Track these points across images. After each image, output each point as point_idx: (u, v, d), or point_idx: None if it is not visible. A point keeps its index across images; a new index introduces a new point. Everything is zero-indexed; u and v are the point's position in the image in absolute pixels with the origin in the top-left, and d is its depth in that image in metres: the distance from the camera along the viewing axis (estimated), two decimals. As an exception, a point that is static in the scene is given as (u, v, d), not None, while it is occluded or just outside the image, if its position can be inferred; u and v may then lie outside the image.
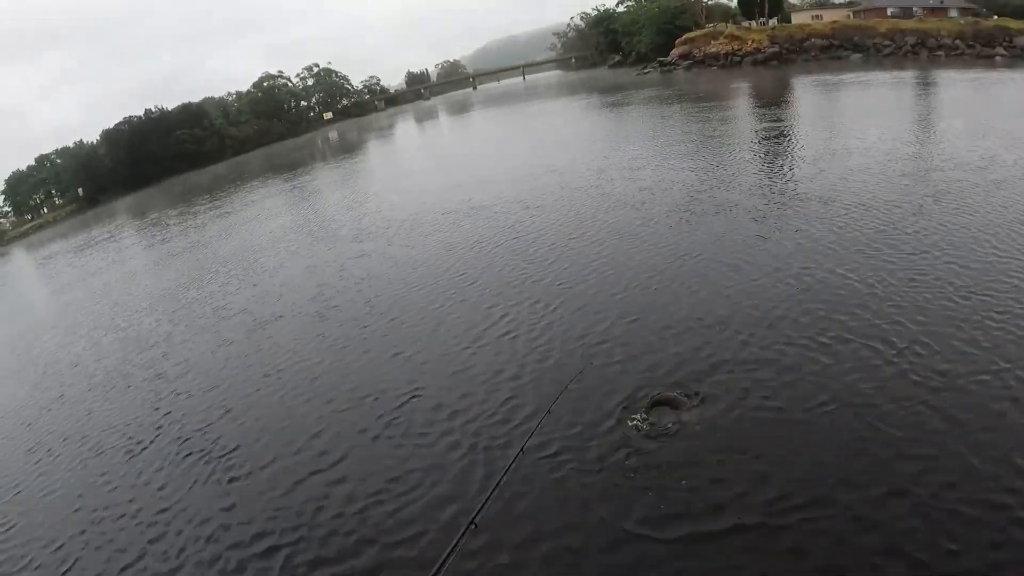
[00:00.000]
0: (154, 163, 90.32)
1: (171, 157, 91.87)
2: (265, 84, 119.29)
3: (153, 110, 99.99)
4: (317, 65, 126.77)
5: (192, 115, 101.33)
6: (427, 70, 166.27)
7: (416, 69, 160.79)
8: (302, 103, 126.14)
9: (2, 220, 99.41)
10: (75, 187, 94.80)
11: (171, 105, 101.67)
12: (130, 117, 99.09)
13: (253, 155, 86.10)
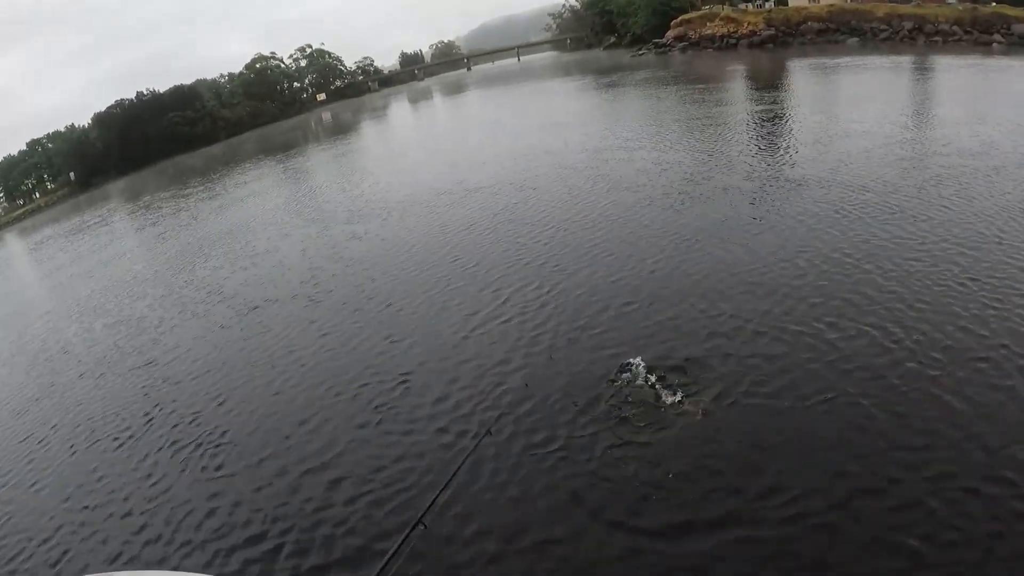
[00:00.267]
0: (146, 146, 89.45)
1: (163, 139, 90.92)
2: (258, 65, 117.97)
3: (145, 92, 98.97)
4: (310, 46, 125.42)
5: (184, 97, 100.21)
6: (421, 51, 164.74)
7: (410, 50, 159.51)
8: (295, 84, 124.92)
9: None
10: (67, 171, 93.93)
11: (163, 88, 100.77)
12: (122, 100, 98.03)
13: (246, 137, 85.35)
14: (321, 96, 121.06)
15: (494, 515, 5.37)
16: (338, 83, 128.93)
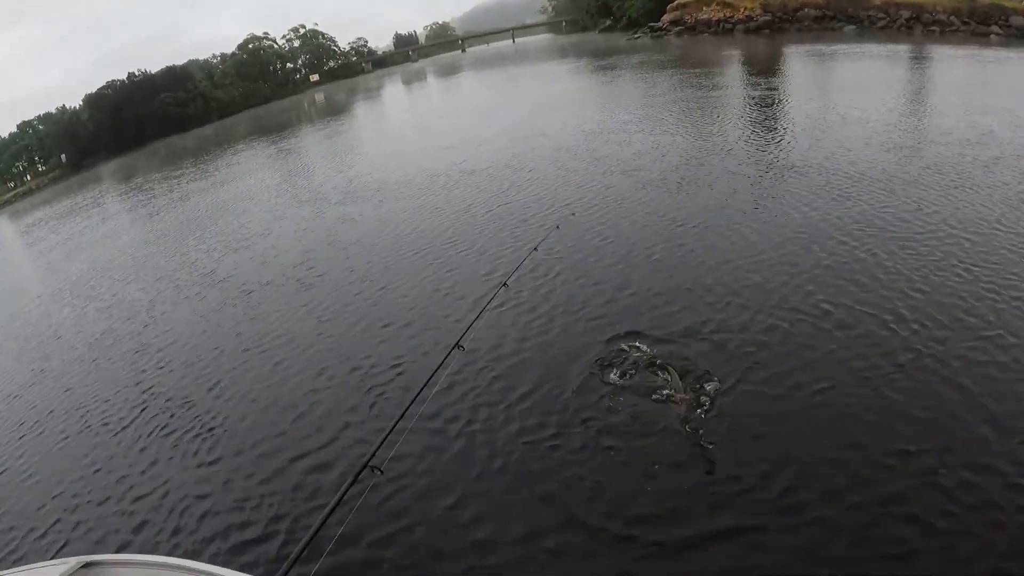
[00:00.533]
0: (138, 127, 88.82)
1: (155, 120, 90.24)
2: (250, 46, 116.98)
3: (136, 73, 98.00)
4: (303, 26, 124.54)
5: (176, 78, 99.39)
6: (415, 32, 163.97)
7: (404, 31, 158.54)
8: (288, 65, 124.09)
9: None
10: (58, 153, 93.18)
11: (155, 69, 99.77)
12: (113, 81, 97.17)
13: (239, 117, 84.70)
14: (314, 77, 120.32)
15: (487, 503, 5.35)
16: (331, 64, 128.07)
